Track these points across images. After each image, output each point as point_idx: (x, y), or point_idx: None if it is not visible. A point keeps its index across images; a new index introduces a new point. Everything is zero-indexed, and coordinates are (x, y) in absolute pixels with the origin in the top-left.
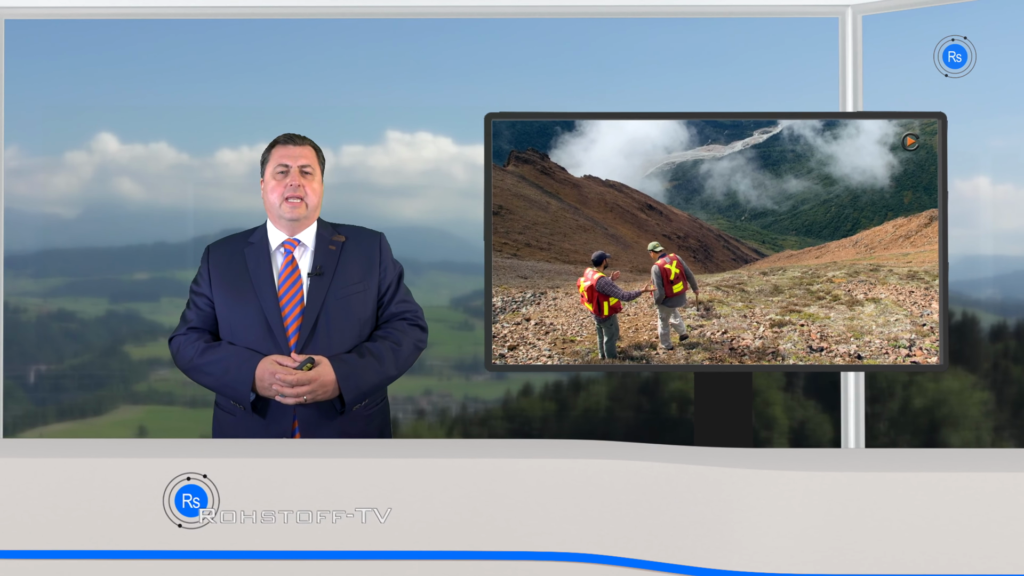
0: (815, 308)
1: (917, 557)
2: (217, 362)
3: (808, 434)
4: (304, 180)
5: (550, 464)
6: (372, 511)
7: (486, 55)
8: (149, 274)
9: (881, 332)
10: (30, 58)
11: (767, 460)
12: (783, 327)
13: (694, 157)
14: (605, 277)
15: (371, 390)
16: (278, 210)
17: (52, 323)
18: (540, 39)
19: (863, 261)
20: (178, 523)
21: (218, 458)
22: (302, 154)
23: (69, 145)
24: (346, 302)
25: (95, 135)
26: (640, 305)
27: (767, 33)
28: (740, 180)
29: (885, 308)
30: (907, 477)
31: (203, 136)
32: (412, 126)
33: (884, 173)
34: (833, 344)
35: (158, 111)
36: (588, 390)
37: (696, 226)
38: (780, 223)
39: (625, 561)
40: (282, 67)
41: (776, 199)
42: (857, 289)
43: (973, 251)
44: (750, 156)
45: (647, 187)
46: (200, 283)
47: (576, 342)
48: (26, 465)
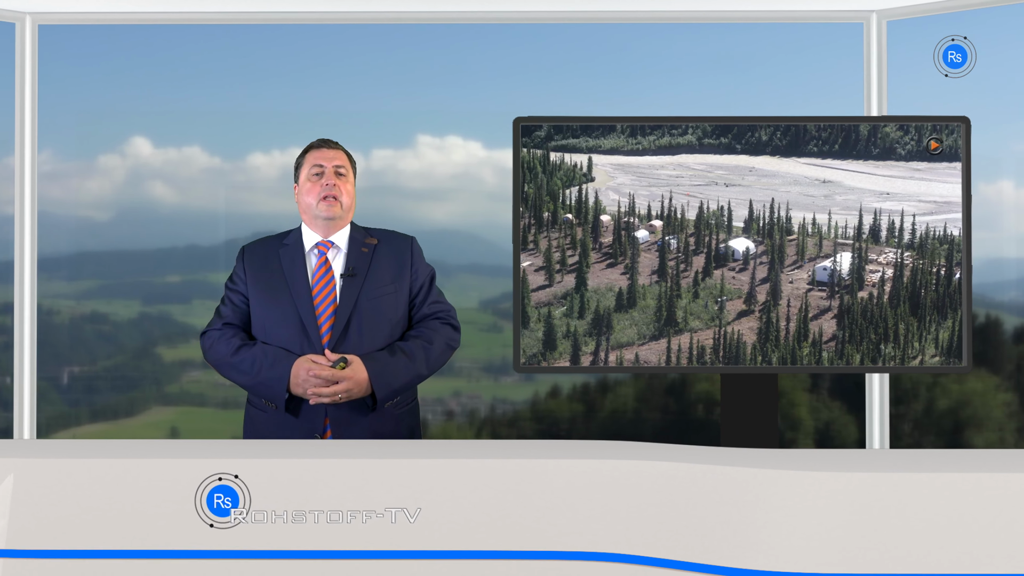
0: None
1: (942, 557)
2: (251, 360)
3: (833, 435)
4: (339, 180)
5: (578, 465)
6: (402, 511)
7: (515, 60)
8: (181, 277)
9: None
10: (63, 63)
11: (793, 461)
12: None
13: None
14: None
15: (403, 387)
16: (315, 210)
17: (85, 325)
18: (569, 44)
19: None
20: (210, 523)
21: (249, 459)
22: (336, 156)
23: (102, 149)
24: (377, 303)
25: (128, 139)
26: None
27: (793, 38)
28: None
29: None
30: (931, 478)
31: (235, 140)
32: (442, 130)
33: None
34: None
35: (191, 115)
36: (615, 392)
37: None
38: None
39: (652, 561)
40: (314, 72)
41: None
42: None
43: (997, 254)
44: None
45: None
46: (236, 281)
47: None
48: (60, 466)
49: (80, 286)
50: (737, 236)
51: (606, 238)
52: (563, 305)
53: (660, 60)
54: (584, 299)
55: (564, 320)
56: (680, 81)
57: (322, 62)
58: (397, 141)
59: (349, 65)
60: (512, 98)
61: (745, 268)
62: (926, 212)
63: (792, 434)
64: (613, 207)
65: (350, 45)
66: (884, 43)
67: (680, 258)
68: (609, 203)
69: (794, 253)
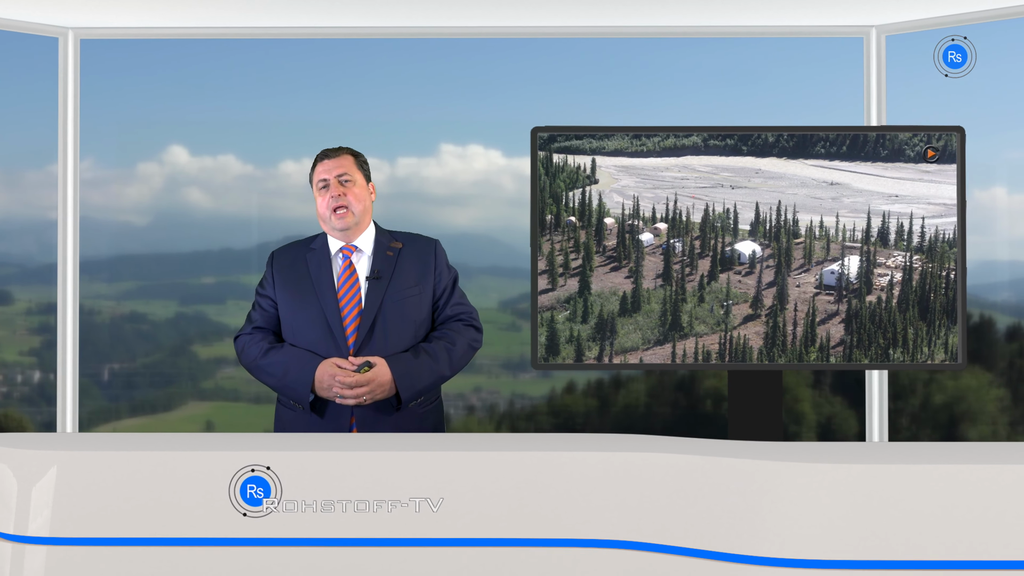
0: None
1: (938, 545)
2: (278, 364)
3: (835, 428)
4: (345, 188)
5: (592, 457)
6: (425, 501)
7: (533, 73)
8: (215, 278)
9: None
10: (104, 76)
11: (796, 453)
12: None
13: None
14: None
15: (426, 388)
16: (329, 222)
17: (125, 324)
18: (583, 58)
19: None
20: (243, 512)
21: (281, 451)
22: (338, 165)
23: (141, 157)
24: (402, 305)
25: (166, 148)
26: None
27: (798, 52)
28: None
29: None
30: (928, 469)
31: (267, 149)
32: (464, 139)
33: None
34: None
35: (225, 125)
36: (628, 387)
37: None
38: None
39: (663, 548)
40: (342, 84)
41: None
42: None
43: (990, 257)
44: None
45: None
46: (265, 286)
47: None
48: (100, 458)
49: (120, 287)
50: (743, 239)
51: (610, 241)
52: (566, 309)
53: (671, 73)
54: (588, 303)
55: (567, 325)
56: (688, 92)
57: (350, 75)
58: (421, 149)
59: (375, 78)
60: (530, 108)
61: (751, 271)
62: (935, 215)
63: (796, 428)
64: (617, 209)
65: (376, 59)
66: (883, 56)
67: (685, 261)
68: (613, 205)
69: (801, 256)
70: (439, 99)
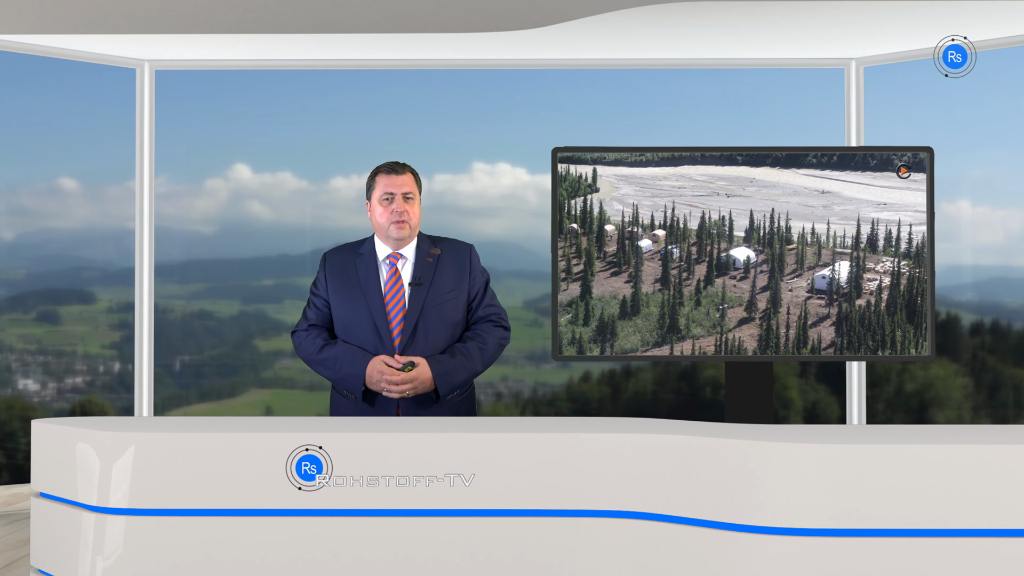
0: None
1: (911, 515)
2: (333, 359)
3: (819, 413)
4: (407, 205)
5: (606, 438)
6: (459, 476)
7: (554, 99)
8: (274, 280)
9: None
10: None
11: (785, 434)
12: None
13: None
14: None
15: (462, 384)
16: (386, 231)
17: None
18: (598, 86)
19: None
20: (298, 487)
21: (331, 432)
22: (404, 182)
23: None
24: (440, 308)
25: (231, 165)
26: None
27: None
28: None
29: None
30: (901, 449)
31: (320, 167)
32: (493, 158)
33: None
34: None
35: (283, 146)
36: (637, 377)
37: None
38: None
39: (668, 518)
40: (386, 110)
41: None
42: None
43: (955, 261)
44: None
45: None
46: (318, 287)
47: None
48: (172, 439)
49: (190, 288)
50: (738, 245)
51: (610, 247)
52: (568, 312)
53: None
54: (589, 307)
55: (570, 327)
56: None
57: (392, 101)
58: (455, 167)
59: (415, 104)
60: (551, 131)
61: (746, 276)
62: (922, 222)
63: (784, 412)
64: (617, 217)
65: (416, 87)
66: (862, 85)
67: (682, 267)
68: (613, 213)
69: (794, 262)
70: (471, 123)
